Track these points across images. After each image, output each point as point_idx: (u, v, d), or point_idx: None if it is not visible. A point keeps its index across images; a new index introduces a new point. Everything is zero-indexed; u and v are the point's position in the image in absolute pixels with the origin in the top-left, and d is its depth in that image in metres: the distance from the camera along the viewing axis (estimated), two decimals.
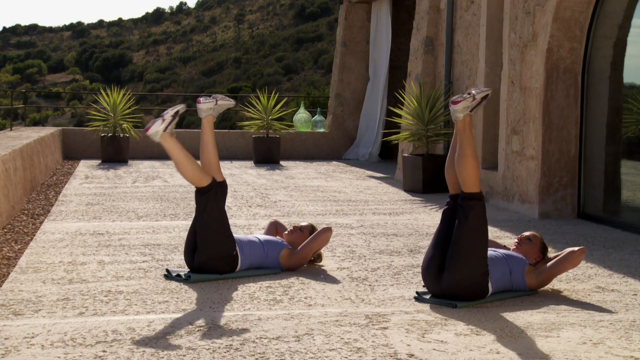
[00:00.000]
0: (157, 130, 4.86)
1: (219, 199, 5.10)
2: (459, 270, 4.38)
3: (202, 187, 5.05)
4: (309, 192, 10.09)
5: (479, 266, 4.42)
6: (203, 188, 5.04)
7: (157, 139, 4.90)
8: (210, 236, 5.00)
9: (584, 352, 3.63)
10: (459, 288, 4.41)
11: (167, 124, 4.89)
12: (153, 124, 4.86)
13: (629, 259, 5.98)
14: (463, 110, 4.46)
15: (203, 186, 5.04)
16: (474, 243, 4.40)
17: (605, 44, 7.96)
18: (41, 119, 54.58)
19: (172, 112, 4.89)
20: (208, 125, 5.24)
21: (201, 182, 5.03)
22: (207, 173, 5.07)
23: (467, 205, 4.42)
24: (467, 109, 4.48)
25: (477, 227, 4.43)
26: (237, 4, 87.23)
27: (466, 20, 10.38)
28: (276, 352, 3.55)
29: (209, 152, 5.19)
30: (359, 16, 16.50)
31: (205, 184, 5.03)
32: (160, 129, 4.87)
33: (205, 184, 5.03)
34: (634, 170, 8.02)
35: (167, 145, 4.94)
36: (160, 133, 4.88)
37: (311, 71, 63.96)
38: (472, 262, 4.39)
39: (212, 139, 5.22)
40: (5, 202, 7.16)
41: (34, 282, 4.86)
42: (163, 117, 4.88)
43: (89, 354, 3.50)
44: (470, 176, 4.45)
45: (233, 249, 5.09)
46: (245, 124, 15.24)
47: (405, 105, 11.11)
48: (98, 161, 14.34)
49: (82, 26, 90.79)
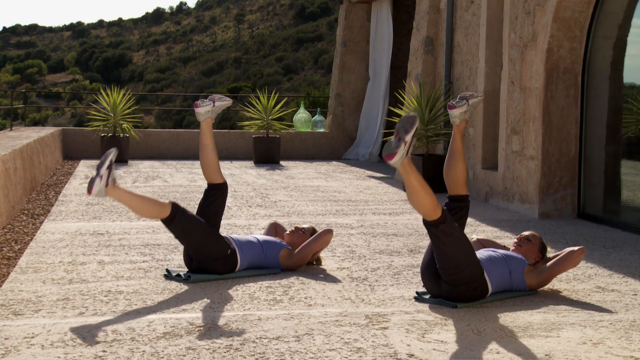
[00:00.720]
0: (100, 189, 4.61)
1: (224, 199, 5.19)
2: (454, 278, 4.40)
3: (165, 217, 4.88)
4: (309, 192, 10.09)
5: (473, 268, 4.41)
6: (166, 218, 4.87)
7: (104, 196, 4.69)
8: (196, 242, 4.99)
9: (584, 352, 3.63)
10: (458, 292, 4.42)
11: (107, 177, 4.63)
12: (93, 185, 4.58)
13: (629, 259, 5.98)
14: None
15: (165, 217, 4.86)
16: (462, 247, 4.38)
17: (605, 44, 7.96)
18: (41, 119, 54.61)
19: (107, 164, 4.62)
20: (207, 127, 5.23)
21: (162, 214, 4.86)
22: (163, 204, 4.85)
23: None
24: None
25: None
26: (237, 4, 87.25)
27: (466, 20, 10.38)
28: (276, 352, 3.55)
29: (209, 155, 5.20)
30: (359, 16, 16.50)
31: (166, 214, 4.85)
32: (102, 186, 4.61)
33: (167, 214, 4.85)
34: (634, 170, 8.02)
35: (117, 196, 4.72)
36: (104, 190, 4.62)
37: (311, 71, 63.99)
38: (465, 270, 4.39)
39: (212, 142, 5.22)
40: (5, 202, 7.16)
41: (34, 282, 4.86)
42: (100, 175, 4.59)
43: (89, 354, 3.50)
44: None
45: (225, 250, 5.08)
46: (245, 124, 15.24)
47: (405, 105, 11.11)
48: (98, 161, 14.30)
49: (82, 26, 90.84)
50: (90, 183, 4.57)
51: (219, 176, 5.21)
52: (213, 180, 5.21)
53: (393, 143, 3.93)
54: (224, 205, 5.26)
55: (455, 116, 4.76)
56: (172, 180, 11.25)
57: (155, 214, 4.84)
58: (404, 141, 3.91)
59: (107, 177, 4.58)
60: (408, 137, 3.93)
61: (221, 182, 5.21)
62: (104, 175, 4.57)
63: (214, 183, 5.21)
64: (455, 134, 4.79)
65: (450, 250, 4.32)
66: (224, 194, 5.24)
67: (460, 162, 4.73)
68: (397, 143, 3.92)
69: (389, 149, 3.92)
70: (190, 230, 4.93)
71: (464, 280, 4.37)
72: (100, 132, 14.63)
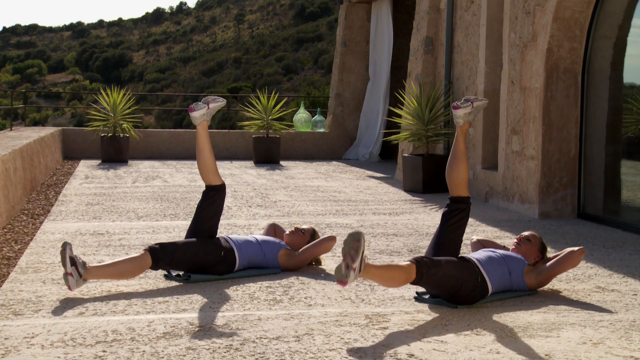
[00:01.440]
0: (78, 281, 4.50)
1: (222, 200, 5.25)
2: (454, 296, 4.40)
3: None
4: (309, 192, 10.09)
5: (468, 284, 4.41)
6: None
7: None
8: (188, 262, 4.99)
9: (584, 352, 3.63)
10: (458, 296, 4.42)
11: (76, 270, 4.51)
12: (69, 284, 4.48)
13: (629, 259, 5.98)
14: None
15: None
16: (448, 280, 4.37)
17: (605, 44, 7.96)
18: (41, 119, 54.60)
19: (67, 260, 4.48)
20: (203, 130, 5.24)
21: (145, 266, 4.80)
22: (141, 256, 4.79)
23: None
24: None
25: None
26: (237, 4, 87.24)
27: (466, 20, 10.38)
28: (276, 352, 3.55)
29: (205, 158, 5.23)
30: (359, 16, 16.50)
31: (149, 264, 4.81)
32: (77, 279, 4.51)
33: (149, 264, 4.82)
34: (634, 170, 8.02)
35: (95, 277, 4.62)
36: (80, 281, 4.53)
37: (311, 71, 63.97)
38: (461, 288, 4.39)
39: (208, 145, 5.24)
40: (5, 202, 7.16)
41: (34, 282, 4.86)
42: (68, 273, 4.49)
43: (89, 354, 3.50)
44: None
45: (218, 253, 5.07)
46: (245, 124, 15.24)
47: (405, 105, 11.11)
48: (98, 161, 14.34)
49: (82, 26, 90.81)
50: (66, 282, 4.49)
51: (217, 178, 5.23)
52: (211, 182, 5.23)
53: (343, 269, 3.90)
54: (222, 207, 5.28)
55: (458, 117, 4.77)
56: (172, 180, 11.25)
57: (139, 269, 4.80)
58: (352, 268, 3.89)
59: (75, 270, 4.52)
60: (356, 263, 3.91)
61: (219, 183, 5.23)
62: (72, 272, 4.50)
63: (211, 185, 5.23)
64: (458, 135, 4.79)
65: (442, 284, 4.36)
66: (222, 196, 5.25)
67: (462, 164, 4.73)
68: (347, 271, 3.89)
69: (340, 276, 3.90)
70: (178, 260, 4.94)
71: (464, 295, 4.40)
72: (100, 132, 14.63)
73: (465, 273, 4.40)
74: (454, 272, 4.35)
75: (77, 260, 4.56)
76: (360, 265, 3.94)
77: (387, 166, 14.02)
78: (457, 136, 4.80)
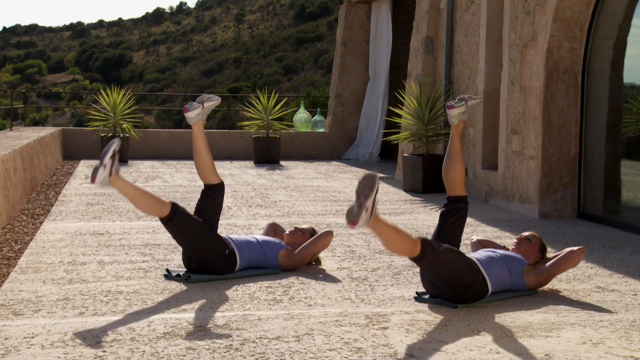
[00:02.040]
0: (104, 178, 4.63)
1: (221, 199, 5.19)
2: (454, 288, 4.40)
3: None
4: (309, 192, 10.09)
5: (470, 277, 4.41)
6: (166, 217, 4.88)
7: (107, 185, 4.70)
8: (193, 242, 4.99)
9: (584, 352, 3.63)
10: (458, 295, 4.41)
11: (110, 166, 4.66)
12: (97, 174, 4.62)
13: (629, 259, 5.98)
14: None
15: (165, 215, 4.88)
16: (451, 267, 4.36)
17: (605, 44, 7.96)
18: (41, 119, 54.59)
19: (110, 153, 4.65)
20: (199, 130, 5.21)
21: (162, 212, 4.87)
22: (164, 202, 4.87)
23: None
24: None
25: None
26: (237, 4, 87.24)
27: (466, 20, 10.38)
28: (276, 352, 3.55)
29: (202, 157, 5.20)
30: (359, 16, 16.49)
31: (165, 212, 4.86)
32: (106, 175, 4.64)
33: (166, 213, 4.86)
34: (634, 170, 8.02)
35: (120, 187, 4.74)
36: (107, 179, 4.65)
37: (311, 71, 63.96)
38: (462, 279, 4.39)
39: (205, 144, 5.21)
40: (5, 202, 7.16)
41: (34, 282, 4.86)
42: (103, 164, 4.63)
43: (89, 354, 3.50)
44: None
45: (223, 249, 5.07)
46: (245, 124, 15.24)
47: (405, 105, 11.11)
48: (98, 161, 14.31)
49: (82, 26, 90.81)
50: (94, 172, 4.62)
51: (214, 177, 5.21)
52: (209, 181, 5.21)
53: (355, 209, 3.84)
54: (221, 206, 5.26)
55: (453, 116, 4.79)
56: (172, 180, 11.25)
57: (155, 211, 4.85)
58: (365, 207, 3.82)
59: (110, 166, 4.64)
60: (369, 202, 3.84)
61: (217, 182, 5.21)
62: (107, 165, 4.63)
63: (209, 184, 5.21)
64: (453, 135, 4.80)
65: (443, 270, 4.34)
66: (220, 194, 5.23)
67: (458, 163, 4.74)
68: (359, 210, 3.83)
69: (351, 216, 3.83)
70: (188, 229, 4.94)
71: (463, 287, 4.39)
72: (100, 132, 14.63)
73: (467, 265, 4.39)
74: (457, 260, 4.35)
75: (116, 160, 4.64)
76: (373, 206, 3.86)
77: (387, 166, 14.02)
78: (452, 136, 4.81)
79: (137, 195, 4.80)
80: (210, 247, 5.01)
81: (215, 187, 5.21)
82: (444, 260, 4.29)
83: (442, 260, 4.28)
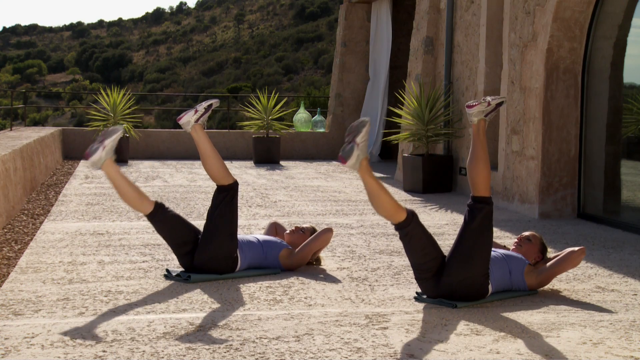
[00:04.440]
0: (189, 121, 4.88)
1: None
2: (460, 270, 4.38)
3: (225, 185, 5.03)
4: (309, 192, 10.09)
5: (480, 267, 4.41)
6: (225, 186, 5.01)
7: (188, 129, 4.93)
8: (216, 234, 4.98)
9: (584, 352, 3.63)
10: (460, 287, 4.40)
11: (200, 115, 4.92)
12: (186, 114, 4.89)
13: (629, 259, 5.98)
14: (477, 114, 4.64)
15: (226, 184, 5.01)
16: (477, 244, 4.37)
17: (605, 44, 7.96)
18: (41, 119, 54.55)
19: (206, 104, 4.92)
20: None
21: (224, 180, 5.01)
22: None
23: (476, 208, 4.42)
24: (482, 114, 4.65)
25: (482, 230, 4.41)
26: (237, 4, 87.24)
27: (466, 20, 10.38)
28: (276, 352, 3.55)
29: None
30: (359, 16, 16.49)
31: (229, 181, 5.02)
32: (192, 120, 4.90)
33: (230, 182, 5.02)
34: (634, 170, 8.02)
35: (197, 136, 4.96)
36: (191, 123, 4.91)
37: (311, 71, 63.95)
38: (474, 263, 4.38)
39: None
40: (5, 202, 7.16)
41: (34, 282, 4.86)
42: (196, 109, 4.90)
43: (89, 354, 3.50)
44: (480, 180, 4.51)
45: (235, 251, 5.08)
46: (245, 124, 15.24)
47: (405, 105, 11.10)
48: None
49: (82, 26, 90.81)
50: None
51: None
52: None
53: (346, 147, 3.91)
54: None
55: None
56: (172, 180, 11.25)
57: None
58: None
59: (201, 114, 4.88)
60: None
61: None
62: (199, 112, 4.78)
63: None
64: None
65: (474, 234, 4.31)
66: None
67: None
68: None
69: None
70: (226, 209, 4.95)
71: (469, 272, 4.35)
72: (100, 132, 14.62)
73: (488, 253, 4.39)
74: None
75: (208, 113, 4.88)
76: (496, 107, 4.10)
77: (387, 166, 14.02)
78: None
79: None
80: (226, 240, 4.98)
81: (225, 189, 5.04)
82: (487, 228, 4.31)
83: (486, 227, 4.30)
